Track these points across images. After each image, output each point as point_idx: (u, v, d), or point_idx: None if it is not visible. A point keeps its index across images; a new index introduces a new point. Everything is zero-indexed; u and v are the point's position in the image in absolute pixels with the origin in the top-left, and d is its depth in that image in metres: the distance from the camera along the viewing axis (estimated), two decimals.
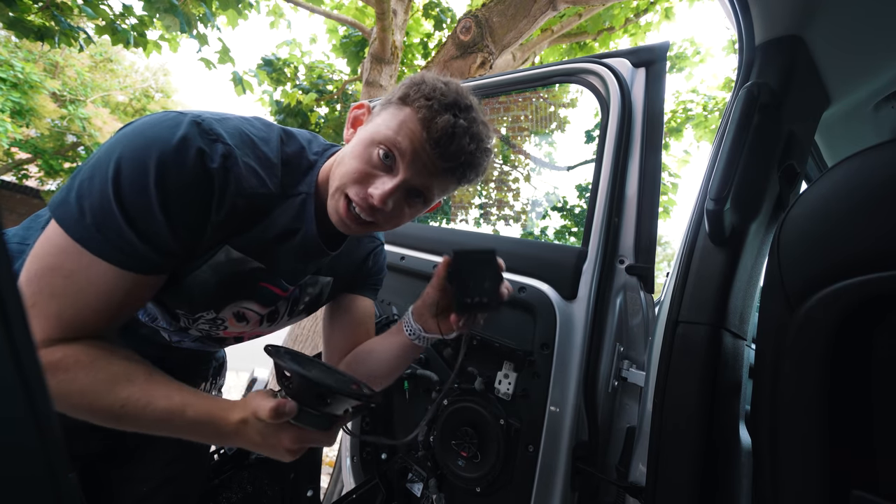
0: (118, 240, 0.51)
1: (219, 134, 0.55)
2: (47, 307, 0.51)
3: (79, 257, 0.51)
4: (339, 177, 0.63)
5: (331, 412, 0.58)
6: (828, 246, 0.48)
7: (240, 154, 0.57)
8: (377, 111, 0.66)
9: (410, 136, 0.60)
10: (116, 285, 0.52)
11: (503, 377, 1.01)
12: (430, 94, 0.60)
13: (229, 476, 1.09)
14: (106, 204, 0.49)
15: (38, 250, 0.52)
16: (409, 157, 0.61)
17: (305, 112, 5.40)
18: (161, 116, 0.55)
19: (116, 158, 0.50)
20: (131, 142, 0.51)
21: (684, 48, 6.24)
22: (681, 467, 0.64)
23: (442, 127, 0.59)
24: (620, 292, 0.99)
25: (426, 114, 0.59)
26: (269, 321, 0.76)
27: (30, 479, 0.21)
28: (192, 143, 0.52)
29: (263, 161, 0.61)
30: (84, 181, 0.51)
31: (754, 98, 0.68)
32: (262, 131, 0.63)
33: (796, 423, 0.50)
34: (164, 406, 0.54)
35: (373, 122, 0.65)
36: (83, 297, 0.52)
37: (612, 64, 1.03)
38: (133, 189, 0.50)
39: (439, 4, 5.39)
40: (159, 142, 0.51)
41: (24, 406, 0.20)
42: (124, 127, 0.56)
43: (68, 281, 0.51)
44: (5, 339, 0.19)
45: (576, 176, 7.53)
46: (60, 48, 3.67)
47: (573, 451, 0.92)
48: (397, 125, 0.61)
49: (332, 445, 0.61)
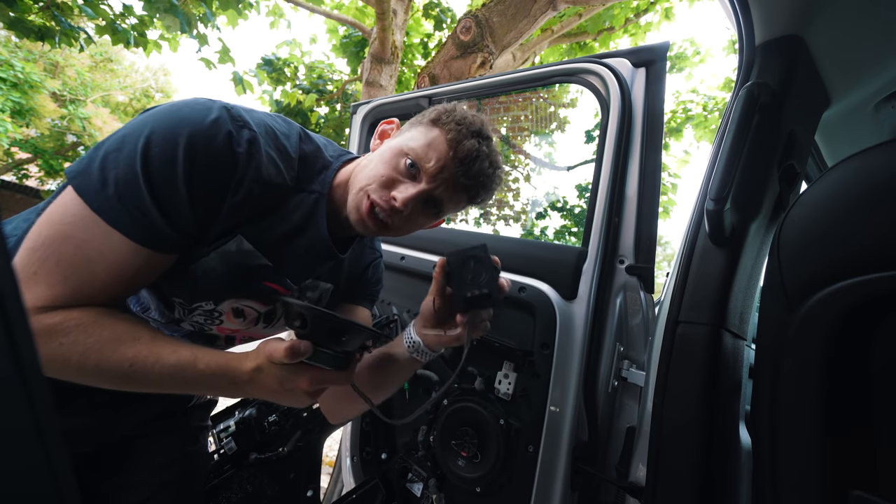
0: (137, 212, 0.51)
1: (246, 121, 0.58)
2: (51, 274, 0.50)
3: (94, 227, 0.51)
4: (364, 178, 0.68)
5: (346, 349, 0.57)
6: (828, 246, 0.48)
7: (263, 143, 0.59)
8: (406, 128, 0.74)
9: (437, 152, 0.67)
10: (127, 259, 0.52)
11: (503, 377, 1.01)
12: (461, 120, 0.68)
13: (229, 476, 1.09)
14: (132, 174, 0.50)
15: (49, 217, 0.51)
16: (433, 169, 0.67)
17: (305, 112, 5.40)
18: (192, 100, 0.57)
19: (148, 132, 0.51)
20: (164, 119, 0.53)
21: (684, 48, 6.24)
22: (681, 467, 0.64)
23: (468, 149, 0.67)
24: (620, 292, 0.99)
25: (455, 136, 0.67)
26: (265, 321, 0.77)
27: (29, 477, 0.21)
28: (223, 126, 0.55)
29: (283, 153, 0.63)
30: (110, 152, 0.51)
31: (754, 98, 0.68)
32: (284, 127, 0.67)
33: (796, 423, 0.50)
34: (173, 361, 0.53)
35: (402, 136, 0.71)
36: (91, 267, 0.51)
37: (612, 64, 1.03)
38: (161, 161, 0.51)
39: (439, 4, 5.39)
40: (192, 121, 0.53)
41: (26, 410, 0.20)
42: (151, 108, 0.57)
43: (79, 250, 0.50)
44: (5, 339, 0.19)
45: (576, 176, 7.53)
46: (61, 48, 3.67)
47: (573, 451, 0.92)
48: (426, 141, 0.67)
49: (348, 383, 0.61)
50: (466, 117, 0.69)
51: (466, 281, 0.69)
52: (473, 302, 0.69)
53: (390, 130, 0.77)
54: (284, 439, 1.18)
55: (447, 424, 1.06)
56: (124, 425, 0.81)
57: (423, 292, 0.79)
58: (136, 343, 0.53)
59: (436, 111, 0.71)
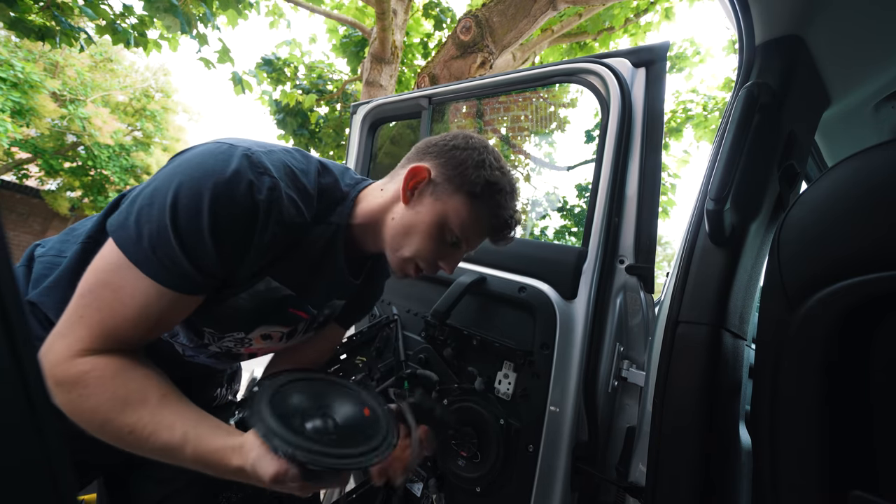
0: (168, 261, 0.55)
1: (267, 167, 0.60)
2: (92, 317, 0.55)
3: (128, 273, 0.56)
4: (411, 249, 0.72)
5: (339, 468, 0.58)
6: (828, 246, 0.48)
7: (283, 186, 0.62)
8: (442, 182, 0.71)
9: (479, 233, 0.74)
10: (155, 300, 0.57)
11: (503, 377, 1.01)
12: (505, 203, 0.73)
13: None
14: (162, 228, 0.55)
15: (94, 266, 0.57)
16: (474, 244, 0.75)
17: (305, 112, 5.40)
18: (215, 148, 0.60)
19: (175, 187, 0.55)
20: (189, 172, 0.57)
21: (684, 48, 6.24)
22: (681, 467, 0.64)
23: (506, 232, 0.75)
24: (620, 292, 0.99)
25: (496, 223, 0.73)
26: (287, 338, 0.81)
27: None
28: (244, 176, 0.57)
29: (302, 192, 0.66)
30: (144, 207, 0.56)
31: (754, 98, 0.68)
32: (302, 163, 0.68)
33: (796, 423, 0.50)
34: (165, 439, 0.56)
35: (444, 205, 0.71)
36: (124, 309, 0.56)
37: (612, 64, 1.03)
38: (188, 215, 0.55)
39: (439, 4, 5.39)
40: (214, 173, 0.56)
41: (25, 411, 0.20)
42: (179, 155, 0.61)
43: (115, 294, 0.56)
44: (6, 339, 0.19)
45: (576, 176, 7.52)
46: (61, 48, 3.67)
47: (573, 451, 0.92)
48: (472, 222, 0.71)
49: (346, 487, 0.65)
50: (509, 195, 0.73)
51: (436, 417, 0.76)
52: (442, 423, 0.77)
53: (422, 183, 0.72)
54: None
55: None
56: None
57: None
58: (141, 407, 0.56)
59: (479, 177, 0.70)
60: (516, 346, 1.01)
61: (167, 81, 12.38)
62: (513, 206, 0.75)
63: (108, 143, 9.32)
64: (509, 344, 1.02)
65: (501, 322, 1.07)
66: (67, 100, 9.35)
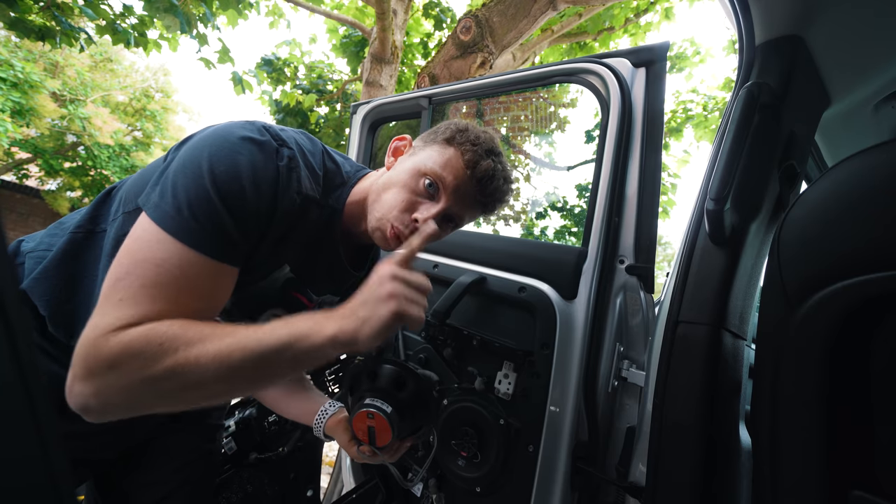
0: (212, 225, 0.54)
1: (284, 139, 0.64)
2: (136, 296, 0.51)
3: (171, 247, 0.53)
4: (386, 205, 0.70)
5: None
6: (828, 246, 0.48)
7: (300, 158, 0.65)
8: (420, 146, 0.75)
9: (455, 172, 0.70)
10: (202, 272, 0.55)
11: (503, 377, 1.01)
12: (475, 140, 0.72)
13: (229, 476, 1.09)
14: (203, 194, 0.54)
15: (127, 248, 0.54)
16: (451, 188, 0.70)
17: (305, 112, 5.39)
18: (233, 122, 0.62)
19: (208, 155, 0.56)
20: (217, 142, 0.58)
21: (684, 48, 6.23)
22: (681, 467, 0.64)
23: (484, 169, 0.71)
24: (620, 292, 0.99)
25: (471, 157, 0.70)
26: None
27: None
28: (270, 143, 0.61)
29: (311, 169, 0.68)
30: (177, 183, 0.56)
31: (754, 98, 0.68)
32: (309, 145, 0.70)
33: (796, 423, 0.50)
34: (258, 341, 0.52)
35: (417, 156, 0.73)
36: (174, 284, 0.53)
37: (612, 64, 1.03)
38: (227, 176, 0.56)
39: (439, 4, 5.39)
40: (244, 139, 0.59)
41: (25, 410, 0.20)
42: (196, 134, 0.62)
43: (160, 269, 0.52)
44: (6, 339, 0.19)
45: (576, 176, 7.52)
46: (61, 48, 3.67)
47: (573, 451, 0.92)
48: (443, 161, 0.70)
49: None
50: (480, 136, 0.73)
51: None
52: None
53: (403, 147, 0.79)
54: (284, 439, 1.18)
55: (447, 424, 1.06)
56: (146, 427, 0.83)
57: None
58: (234, 332, 0.52)
59: (449, 130, 0.74)
60: (516, 346, 1.01)
61: (167, 81, 12.38)
62: (490, 149, 0.73)
63: (108, 143, 9.31)
64: (509, 344, 1.02)
65: (501, 322, 1.07)
66: (67, 100, 9.34)
